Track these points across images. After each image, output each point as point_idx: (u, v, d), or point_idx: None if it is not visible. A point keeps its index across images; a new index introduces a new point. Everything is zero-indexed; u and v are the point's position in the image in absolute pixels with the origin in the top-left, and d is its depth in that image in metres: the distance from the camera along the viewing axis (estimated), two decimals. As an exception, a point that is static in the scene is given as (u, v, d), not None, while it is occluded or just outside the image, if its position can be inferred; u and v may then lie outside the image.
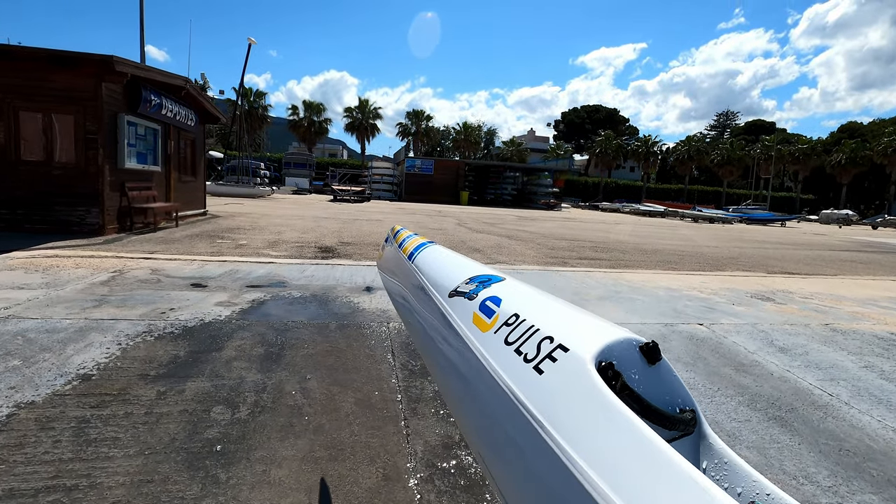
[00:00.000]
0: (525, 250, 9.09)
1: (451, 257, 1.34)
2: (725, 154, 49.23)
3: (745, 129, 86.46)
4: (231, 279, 4.97)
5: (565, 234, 13.39)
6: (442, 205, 30.96)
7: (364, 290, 4.84)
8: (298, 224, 11.32)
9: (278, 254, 6.82)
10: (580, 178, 56.33)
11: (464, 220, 16.75)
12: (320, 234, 9.46)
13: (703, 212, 31.55)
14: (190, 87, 9.59)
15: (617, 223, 21.81)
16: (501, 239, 10.93)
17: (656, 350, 0.68)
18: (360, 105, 48.28)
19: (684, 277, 6.94)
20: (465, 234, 11.53)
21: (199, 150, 11.36)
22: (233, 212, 13.83)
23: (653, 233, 16.78)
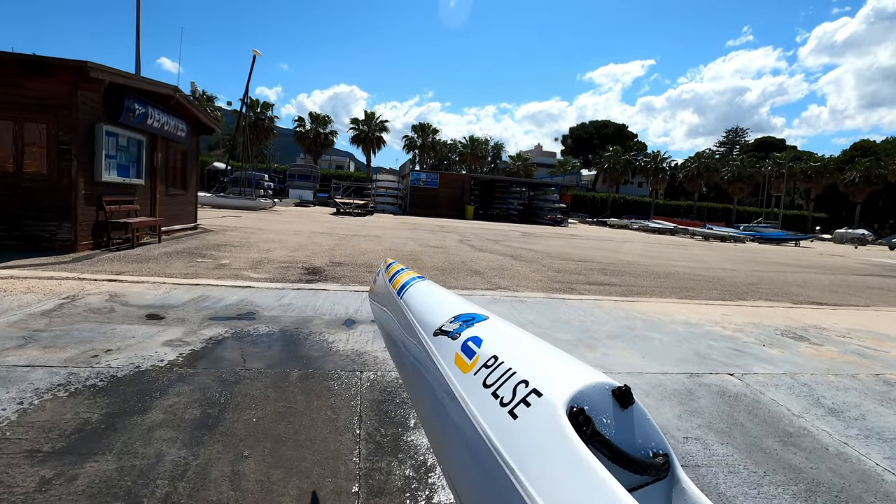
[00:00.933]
0: (529, 273, 8.49)
1: (438, 294, 1.36)
2: (736, 171, 48.50)
3: (754, 145, 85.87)
4: (195, 309, 4.42)
5: (572, 254, 12.77)
6: (446, 219, 30.47)
7: (343, 325, 4.26)
8: (291, 240, 10.81)
9: (259, 276, 6.27)
10: (587, 193, 55.79)
11: (467, 237, 16.19)
12: (311, 253, 8.93)
13: (713, 230, 30.80)
14: (180, 96, 9.17)
15: (626, 241, 21.16)
16: (504, 259, 10.34)
17: (628, 394, 0.68)
18: (367, 117, 48.20)
19: (704, 309, 6.31)
20: (466, 253, 10.96)
21: (190, 161, 10.94)
22: (227, 225, 13.37)
23: (664, 253, 16.12)
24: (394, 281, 1.58)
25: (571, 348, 4.03)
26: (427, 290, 1.41)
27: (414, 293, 1.39)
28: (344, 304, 5.01)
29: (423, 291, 1.40)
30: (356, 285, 6.16)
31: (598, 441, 0.62)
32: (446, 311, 1.17)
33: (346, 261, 8.25)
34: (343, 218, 22.57)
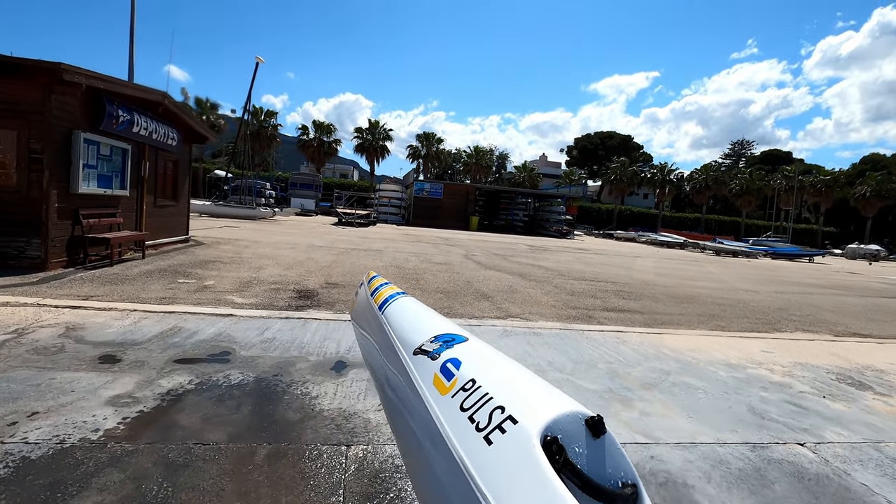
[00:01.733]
0: (541, 296, 7.83)
1: (419, 312, 1.35)
2: (745, 184, 47.78)
3: (760, 158, 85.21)
4: (161, 346, 3.79)
5: (584, 272, 12.11)
6: (450, 230, 29.87)
7: (332, 370, 3.62)
8: (287, 256, 10.20)
9: (244, 301, 5.64)
10: (593, 204, 55.14)
11: (472, 251, 15.56)
12: (307, 271, 8.30)
13: (724, 244, 30.05)
14: (169, 102, 8.63)
15: (636, 256, 20.46)
16: (513, 279, 9.69)
17: (601, 424, 0.69)
18: (371, 126, 47.82)
19: (739, 343, 5.63)
20: (472, 271, 10.32)
21: (182, 171, 10.38)
22: (221, 238, 12.79)
23: (678, 270, 15.42)
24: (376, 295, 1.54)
25: (603, 404, 3.37)
26: (409, 308, 1.37)
27: (395, 309, 1.36)
28: (335, 340, 4.37)
29: (405, 308, 1.37)
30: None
31: (569, 470, 0.63)
32: (427, 329, 1.16)
33: (343, 281, 7.62)
34: (344, 229, 21.99)
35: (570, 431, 0.68)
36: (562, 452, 0.64)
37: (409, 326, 1.23)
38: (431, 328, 1.17)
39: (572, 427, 0.69)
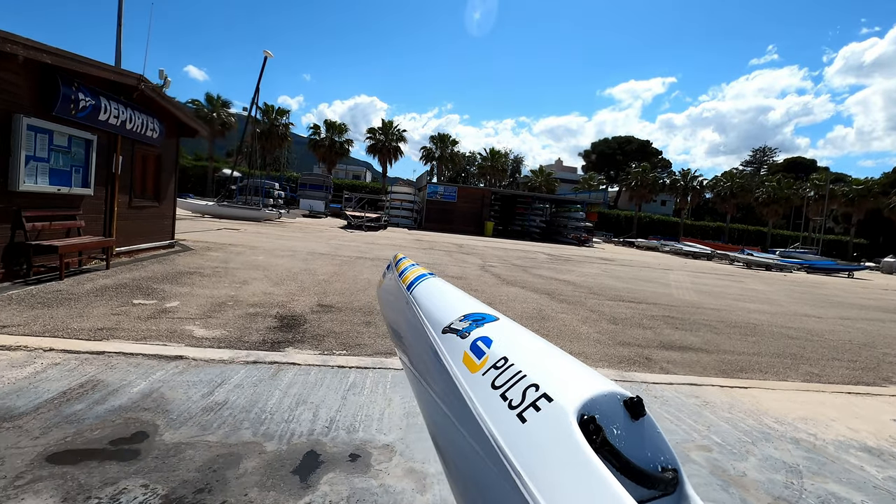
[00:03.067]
0: (579, 324, 6.47)
1: (448, 292, 1.36)
2: (772, 192, 45.64)
3: (783, 166, 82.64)
4: (48, 422, 2.53)
5: (617, 289, 10.68)
6: (464, 236, 28.53)
7: (294, 474, 2.31)
8: (281, 266, 8.96)
9: (206, 334, 4.38)
10: (610, 210, 53.32)
11: (489, 261, 14.20)
12: (299, 287, 7.04)
13: (754, 256, 28.25)
14: (147, 87, 7.45)
15: (666, 269, 18.91)
16: (541, 299, 8.32)
17: (640, 405, 0.66)
18: (384, 126, 46.62)
19: (856, 405, 4.22)
20: (492, 288, 8.98)
21: (166, 167, 9.21)
22: (214, 242, 11.62)
23: (719, 287, 13.89)
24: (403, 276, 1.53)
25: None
26: (437, 287, 1.38)
27: (423, 290, 1.36)
28: (313, 405, 3.07)
29: (434, 288, 1.37)
30: (343, 353, 4.23)
31: (607, 451, 0.60)
32: (456, 309, 1.14)
33: (340, 302, 6.33)
34: (352, 233, 20.78)
35: (608, 412, 0.65)
36: (599, 432, 0.62)
37: (438, 306, 1.21)
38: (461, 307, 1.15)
39: (610, 407, 0.66)
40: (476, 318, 1.06)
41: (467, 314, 1.09)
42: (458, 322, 1.06)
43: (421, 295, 1.33)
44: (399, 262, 1.75)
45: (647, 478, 0.62)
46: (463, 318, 1.07)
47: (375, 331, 5.12)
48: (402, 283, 1.50)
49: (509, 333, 0.96)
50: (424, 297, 1.31)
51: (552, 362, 0.82)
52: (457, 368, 0.90)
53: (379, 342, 4.73)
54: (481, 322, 1.02)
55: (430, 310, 1.21)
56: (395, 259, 1.84)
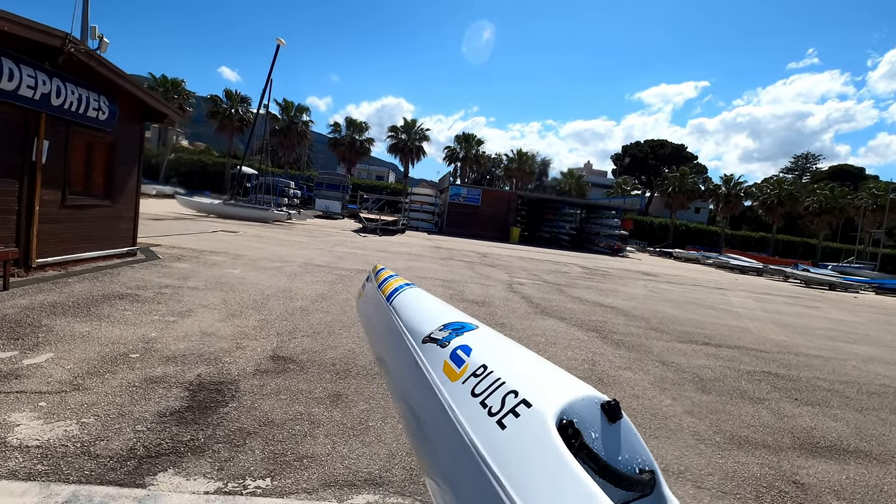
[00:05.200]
0: (655, 394, 4.38)
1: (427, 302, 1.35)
2: (823, 201, 41.90)
3: (828, 174, 77.62)
4: None
5: (680, 320, 8.48)
6: (487, 242, 26.44)
7: None
8: (257, 283, 7.11)
9: (38, 433, 2.49)
10: (643, 217, 50.25)
11: (516, 276, 12.12)
12: (259, 322, 5.15)
13: (811, 272, 25.28)
14: (79, 51, 5.69)
15: (721, 288, 16.45)
16: (589, 339, 6.23)
17: (617, 409, 0.67)
18: (407, 125, 44.73)
19: None
20: (522, 320, 6.93)
21: (122, 158, 7.48)
22: (195, 248, 9.89)
23: (797, 317, 11.46)
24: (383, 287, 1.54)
25: None
26: (416, 297, 1.38)
27: (403, 300, 1.36)
28: None
29: (413, 298, 1.37)
30: (265, 482, 2.27)
31: (585, 454, 0.61)
32: (435, 318, 1.15)
33: (308, 350, 4.40)
34: (365, 238, 18.96)
35: (586, 415, 0.66)
36: (578, 436, 0.62)
37: (418, 316, 1.20)
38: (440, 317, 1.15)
39: (588, 411, 0.66)
40: (456, 327, 1.05)
41: (447, 323, 1.08)
42: (437, 331, 1.06)
43: (401, 305, 1.32)
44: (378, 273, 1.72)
45: (625, 480, 0.62)
46: (443, 328, 1.06)
47: (344, 417, 3.16)
48: (382, 294, 1.48)
49: (489, 341, 0.96)
50: (404, 307, 1.30)
51: (531, 368, 0.82)
52: (437, 377, 0.90)
53: (344, 449, 2.76)
54: (461, 331, 1.02)
55: (409, 320, 1.20)
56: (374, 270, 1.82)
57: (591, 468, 0.59)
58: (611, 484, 0.60)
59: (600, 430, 0.65)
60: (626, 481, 0.62)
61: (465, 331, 1.01)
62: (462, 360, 0.89)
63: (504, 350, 0.92)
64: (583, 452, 0.61)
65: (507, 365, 0.83)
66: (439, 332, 1.05)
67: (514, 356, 0.88)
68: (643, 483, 0.64)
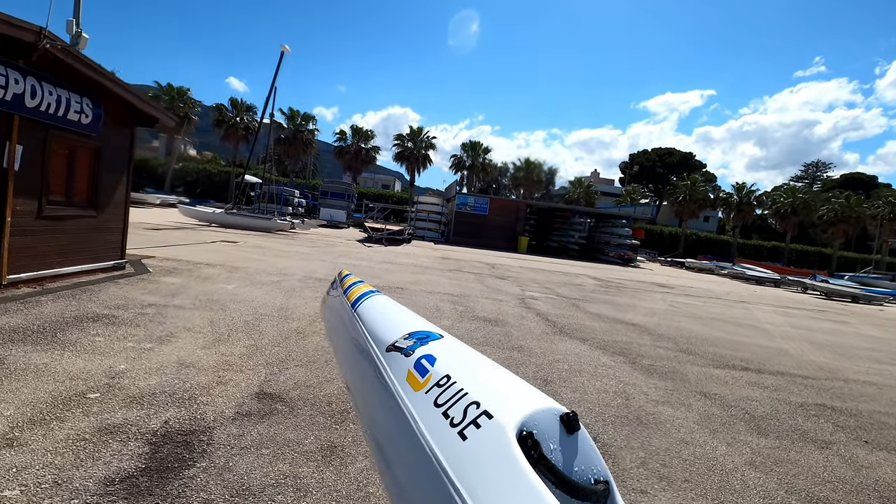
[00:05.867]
0: (704, 437, 3.75)
1: (393, 309, 1.33)
2: (839, 210, 40.95)
3: (840, 182, 76.60)
4: None
5: (710, 340, 7.81)
6: (495, 252, 25.83)
7: None
8: (251, 300, 6.55)
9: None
10: (653, 226, 49.43)
11: (528, 289, 11.50)
12: (247, 349, 4.57)
13: (830, 283, 24.41)
14: (54, 46, 5.20)
15: (742, 301, 15.71)
16: (617, 365, 5.60)
17: (575, 421, 0.69)
18: (412, 133, 44.35)
19: None
20: (540, 340, 6.31)
21: (109, 165, 6.97)
22: (190, 260, 9.36)
23: (830, 334, 10.74)
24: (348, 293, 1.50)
25: None
26: (382, 305, 1.36)
27: (368, 307, 1.34)
28: None
29: (379, 306, 1.35)
30: None
31: (544, 466, 0.62)
32: (400, 327, 1.14)
33: (300, 385, 3.80)
34: (370, 248, 18.41)
35: (545, 427, 0.67)
36: (537, 448, 0.63)
37: (383, 324, 1.19)
38: (405, 326, 1.14)
39: (547, 423, 0.68)
40: (420, 336, 1.05)
41: (412, 332, 1.08)
42: (402, 340, 1.05)
43: (366, 312, 1.30)
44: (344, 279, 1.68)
45: (581, 490, 0.63)
46: (408, 336, 1.06)
47: (338, 479, 2.56)
48: (347, 301, 1.44)
49: (453, 351, 0.96)
50: (369, 314, 1.28)
51: (493, 380, 0.82)
52: (400, 387, 0.90)
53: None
54: (426, 340, 1.02)
55: (374, 328, 1.18)
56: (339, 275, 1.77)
57: (548, 479, 0.60)
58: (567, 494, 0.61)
59: (559, 441, 0.66)
60: (582, 492, 0.63)
61: (430, 340, 1.01)
62: (426, 370, 0.89)
63: (468, 360, 0.92)
64: (541, 464, 0.61)
65: (470, 375, 0.83)
66: (404, 340, 1.04)
67: (477, 366, 0.89)
68: (598, 493, 0.64)
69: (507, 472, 0.60)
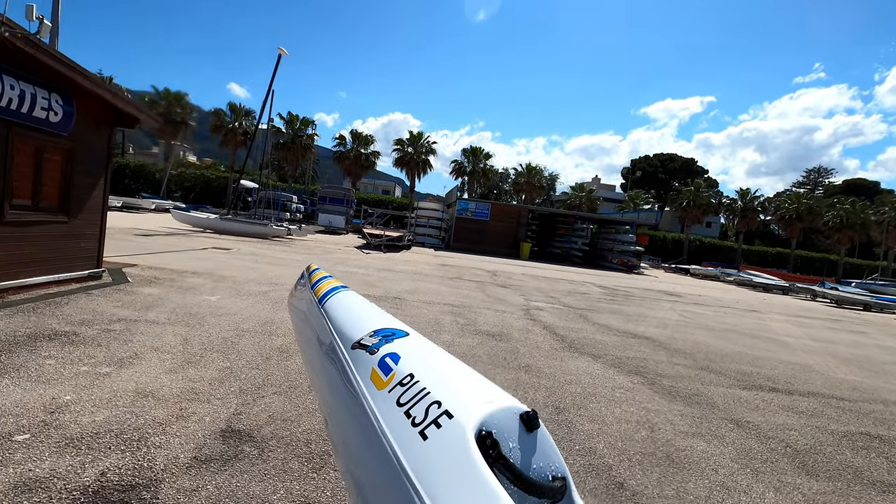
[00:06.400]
0: (747, 481, 3.20)
1: (360, 306, 1.31)
2: (844, 216, 40.41)
3: (842, 188, 76.24)
4: None
5: (729, 355, 7.27)
6: (497, 258, 25.31)
7: None
8: (233, 313, 6.04)
9: None
10: (655, 232, 48.88)
11: (532, 298, 10.97)
12: (220, 373, 4.05)
13: (840, 291, 23.83)
14: (13, 35, 4.72)
15: (753, 310, 15.16)
16: (634, 386, 5.07)
17: (535, 419, 0.69)
18: (413, 138, 43.90)
19: None
20: (549, 357, 5.78)
21: (84, 168, 6.48)
22: (176, 269, 8.85)
23: (851, 346, 10.19)
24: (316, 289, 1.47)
25: None
26: (350, 301, 1.34)
27: (335, 303, 1.31)
28: None
29: (346, 301, 1.33)
30: None
31: (502, 464, 0.63)
32: (367, 324, 1.12)
33: (277, 419, 3.28)
34: (368, 255, 17.90)
35: (505, 426, 0.68)
36: (496, 447, 0.64)
37: (349, 321, 1.17)
38: (372, 323, 1.12)
39: (507, 422, 0.68)
40: (386, 333, 1.04)
41: (378, 329, 1.06)
42: (368, 337, 1.03)
43: (332, 308, 1.27)
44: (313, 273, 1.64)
45: (538, 488, 0.64)
46: (373, 334, 1.04)
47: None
48: (315, 296, 1.42)
49: (418, 349, 0.96)
50: (336, 310, 1.25)
51: (457, 378, 0.82)
52: (364, 385, 0.89)
53: None
54: (391, 338, 1.01)
55: (340, 324, 1.16)
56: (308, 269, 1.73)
57: (506, 477, 0.61)
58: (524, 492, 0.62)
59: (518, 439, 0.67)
60: (539, 489, 0.64)
61: (396, 338, 1.01)
62: (390, 369, 0.88)
63: (432, 358, 0.92)
64: (499, 462, 0.62)
65: (433, 374, 0.83)
66: (370, 338, 1.02)
67: (441, 365, 0.89)
68: (555, 490, 0.66)
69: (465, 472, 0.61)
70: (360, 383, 0.89)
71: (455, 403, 0.71)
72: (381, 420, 0.78)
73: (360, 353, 0.98)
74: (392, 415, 0.77)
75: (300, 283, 1.73)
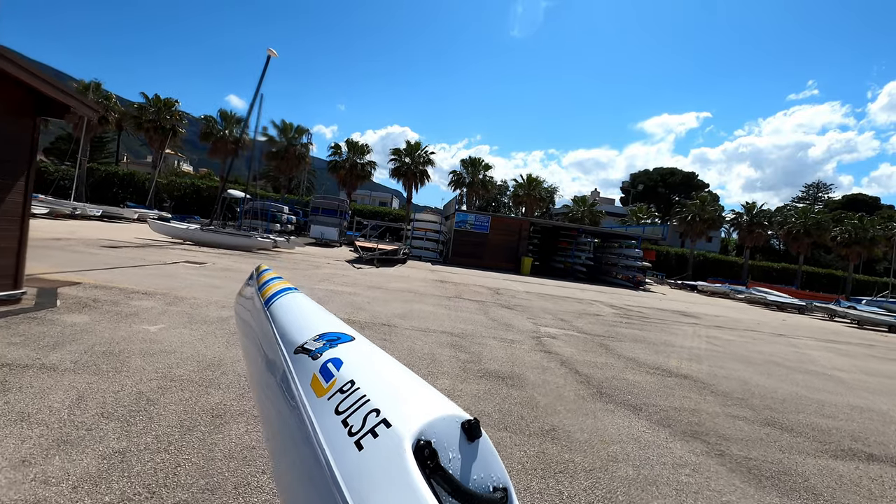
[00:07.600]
0: None
1: (308, 309, 1.25)
2: (853, 231, 39.35)
3: (842, 203, 75.73)
4: None
5: (788, 400, 5.96)
6: (497, 273, 24.01)
7: None
8: (180, 351, 4.70)
9: None
10: (658, 247, 47.70)
11: (542, 324, 9.65)
12: (107, 464, 2.70)
13: (859, 310, 22.56)
14: None
15: (779, 333, 13.85)
16: (704, 467, 3.75)
17: (477, 427, 0.66)
18: (410, 148, 42.76)
19: None
20: (576, 412, 4.46)
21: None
22: (131, 286, 7.50)
23: (906, 380, 8.88)
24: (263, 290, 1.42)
25: None
26: (297, 304, 1.27)
27: (282, 305, 1.25)
28: None
29: (293, 304, 1.26)
30: None
31: (440, 476, 0.60)
32: (312, 328, 1.06)
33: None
34: (359, 270, 16.57)
35: (445, 435, 0.64)
36: (434, 457, 0.61)
37: (294, 324, 1.11)
38: (317, 326, 1.06)
39: (447, 431, 0.65)
40: (331, 337, 0.98)
41: (323, 333, 1.01)
42: (312, 342, 0.98)
43: (279, 311, 1.21)
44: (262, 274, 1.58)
45: (477, 499, 0.61)
46: (318, 338, 0.99)
47: None
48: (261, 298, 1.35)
49: (362, 355, 0.91)
50: (282, 313, 1.19)
51: (399, 385, 0.78)
52: (304, 392, 0.84)
53: None
54: (335, 342, 0.95)
55: (285, 327, 1.10)
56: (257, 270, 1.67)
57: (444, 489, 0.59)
58: None
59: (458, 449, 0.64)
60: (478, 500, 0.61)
61: (340, 342, 0.96)
62: (331, 375, 0.84)
63: (374, 364, 0.88)
64: (437, 474, 0.60)
65: (375, 381, 0.79)
66: (314, 342, 0.98)
67: (384, 372, 0.85)
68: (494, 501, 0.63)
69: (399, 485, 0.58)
70: (300, 390, 0.85)
71: (394, 412, 0.68)
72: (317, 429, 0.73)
73: (303, 358, 0.93)
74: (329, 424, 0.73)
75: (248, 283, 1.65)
